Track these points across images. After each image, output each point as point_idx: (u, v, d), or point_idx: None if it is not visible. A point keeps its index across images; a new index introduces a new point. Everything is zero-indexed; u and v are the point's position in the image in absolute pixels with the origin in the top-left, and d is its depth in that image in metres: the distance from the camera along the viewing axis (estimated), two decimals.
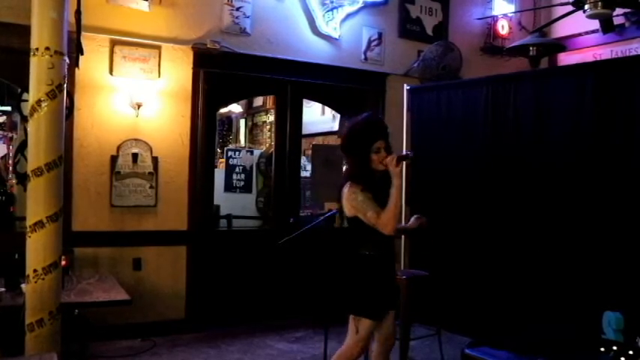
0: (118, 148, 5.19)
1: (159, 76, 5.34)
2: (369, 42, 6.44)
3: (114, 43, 5.16)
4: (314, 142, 7.76)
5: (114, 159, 5.18)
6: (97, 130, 5.13)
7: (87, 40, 4.91)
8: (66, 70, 3.34)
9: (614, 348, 2.28)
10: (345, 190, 3.34)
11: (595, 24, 5.40)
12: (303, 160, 7.12)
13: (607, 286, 3.79)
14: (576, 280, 4.03)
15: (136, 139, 5.26)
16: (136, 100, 5.20)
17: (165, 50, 5.38)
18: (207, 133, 5.64)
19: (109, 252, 5.16)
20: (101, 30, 5.10)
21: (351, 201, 3.29)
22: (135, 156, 5.23)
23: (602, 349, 2.32)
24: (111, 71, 5.16)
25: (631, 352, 2.28)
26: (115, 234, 5.20)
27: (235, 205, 6.82)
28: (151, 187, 5.32)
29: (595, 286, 3.87)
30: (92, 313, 4.31)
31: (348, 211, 3.36)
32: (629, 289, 3.66)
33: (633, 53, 6.28)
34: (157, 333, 5.24)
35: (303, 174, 6.89)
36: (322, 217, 3.81)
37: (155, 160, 5.33)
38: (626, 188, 3.86)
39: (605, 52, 6.72)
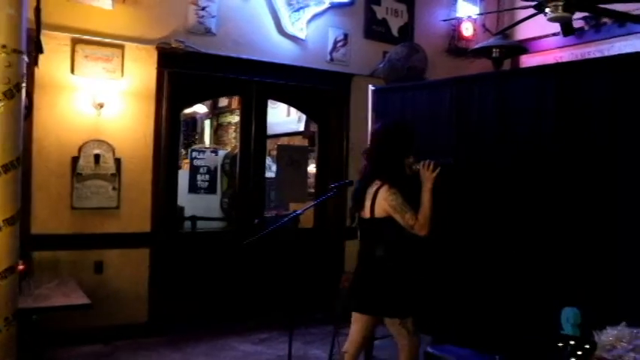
0: (80, 148, 5.10)
1: (122, 76, 5.27)
2: (335, 43, 6.46)
3: (75, 42, 5.07)
4: (279, 143, 7.73)
5: (75, 160, 5.08)
6: (58, 130, 5.03)
7: (47, 39, 4.81)
8: (25, 68, 3.27)
9: (572, 343, 2.32)
10: (382, 190, 3.43)
11: (556, 27, 5.48)
12: (268, 161, 7.10)
13: (566, 283, 3.86)
14: (537, 277, 4.09)
15: (98, 140, 5.17)
16: (98, 100, 5.12)
17: (129, 50, 5.30)
18: (171, 133, 5.58)
19: (69, 255, 5.06)
20: (62, 28, 5.00)
21: (391, 201, 3.40)
22: (97, 157, 5.15)
23: (560, 344, 2.37)
24: (72, 70, 5.07)
25: (587, 346, 2.33)
26: (76, 237, 5.10)
27: (200, 206, 6.75)
28: (113, 188, 5.23)
29: (555, 283, 3.94)
30: (52, 318, 4.21)
31: (382, 211, 3.45)
32: (586, 286, 3.74)
33: (592, 56, 6.41)
34: (119, 337, 5.17)
35: (268, 175, 6.86)
36: (287, 218, 3.79)
37: (118, 161, 5.25)
38: (583, 187, 3.94)
39: (565, 55, 6.84)
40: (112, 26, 5.21)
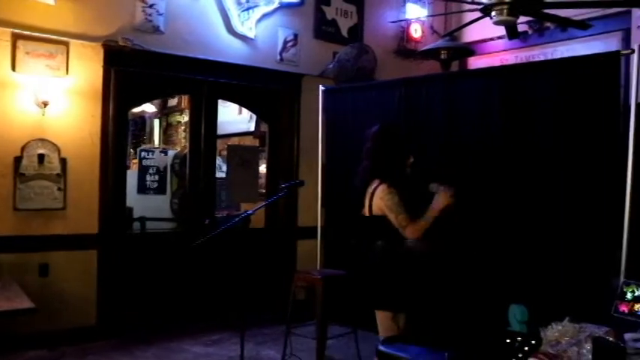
0: (23, 148, 4.94)
1: (67, 74, 5.13)
2: (285, 42, 6.45)
3: (16, 37, 4.91)
4: (230, 143, 7.68)
5: (18, 160, 4.92)
6: None
7: None
8: None
9: (519, 339, 2.39)
10: (380, 189, 3.51)
11: (502, 30, 5.62)
12: (219, 161, 7.04)
13: (513, 281, 3.96)
14: (485, 275, 4.19)
15: (42, 139, 5.03)
16: (41, 99, 4.96)
17: (74, 46, 5.17)
18: (118, 133, 5.47)
19: (12, 258, 4.90)
20: (1, 23, 4.84)
21: (387, 201, 3.46)
22: (41, 157, 5.00)
23: (508, 341, 2.43)
24: (13, 67, 4.91)
25: (534, 342, 2.40)
26: (20, 239, 4.95)
27: (149, 206, 6.65)
28: (58, 189, 5.10)
29: (502, 280, 4.04)
30: None
31: (378, 209, 3.52)
32: (532, 283, 3.85)
33: (535, 59, 6.61)
34: (66, 341, 5.03)
35: (219, 175, 6.81)
36: (238, 218, 3.77)
37: (63, 161, 5.12)
38: (528, 187, 4.06)
39: (510, 57, 7.03)
40: (56, 22, 5.07)
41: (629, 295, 2.93)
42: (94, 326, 5.29)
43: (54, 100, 5.03)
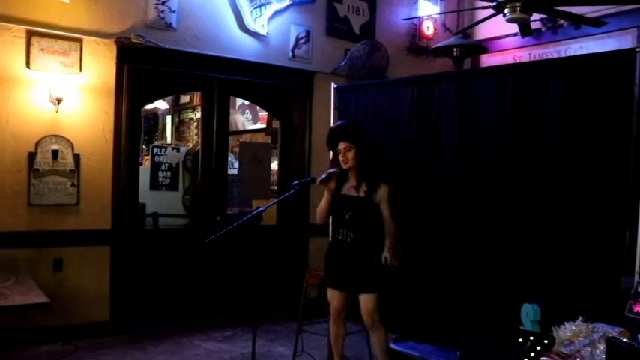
0: (37, 144, 4.98)
1: (80, 71, 5.16)
2: (297, 40, 6.45)
3: (31, 35, 4.94)
4: (241, 140, 7.70)
5: (32, 156, 4.96)
6: (13, 126, 4.90)
7: (1, 30, 4.72)
8: None
9: (531, 338, 2.39)
10: None
11: (515, 28, 5.61)
12: (231, 158, 7.06)
13: (526, 280, 3.94)
14: (498, 274, 4.18)
15: (56, 136, 5.06)
16: (55, 95, 5.00)
17: (87, 44, 5.20)
18: (131, 129, 5.49)
19: (27, 253, 4.95)
20: (16, 20, 4.87)
21: None
22: (55, 153, 5.04)
23: (520, 340, 2.43)
24: (28, 64, 4.94)
25: (546, 341, 2.39)
26: (34, 234, 4.99)
27: (161, 203, 6.68)
28: (72, 185, 5.13)
29: (515, 280, 4.03)
30: (9, 317, 4.10)
31: None
32: (546, 282, 3.83)
33: (549, 57, 6.57)
34: (79, 336, 5.08)
35: (231, 172, 6.83)
36: (250, 215, 3.78)
37: (77, 157, 5.15)
38: (542, 185, 4.04)
39: (524, 55, 6.99)
40: (70, 19, 5.09)
41: None
42: (107, 321, 5.33)
43: (68, 96, 5.06)
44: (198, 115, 7.71)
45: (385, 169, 4.22)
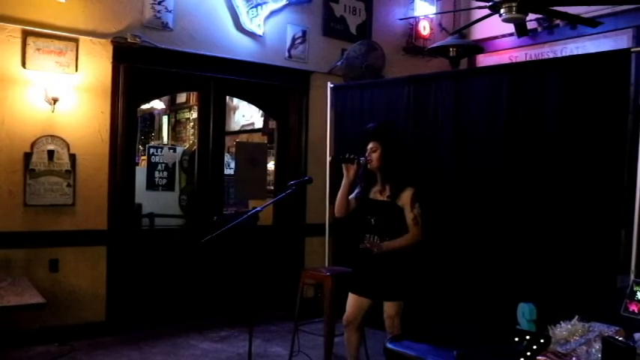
0: (33, 144, 4.97)
1: (76, 71, 5.15)
2: (294, 40, 6.45)
3: (26, 34, 4.92)
4: (238, 140, 7.69)
5: (28, 156, 4.95)
6: (9, 125, 4.88)
7: None
8: None
9: (527, 337, 2.39)
10: None
11: (511, 28, 5.62)
12: (227, 158, 7.06)
13: (522, 279, 3.95)
14: (494, 274, 4.19)
15: (51, 136, 5.05)
16: (51, 95, 4.98)
17: (83, 43, 5.18)
18: (127, 129, 5.49)
19: (22, 253, 4.93)
20: (12, 19, 4.85)
21: None
22: (51, 153, 5.02)
23: (516, 339, 2.43)
24: (24, 64, 4.92)
25: (542, 341, 2.39)
26: (30, 234, 4.97)
27: (158, 203, 6.67)
28: (68, 185, 5.12)
29: (511, 279, 4.04)
30: (4, 318, 4.10)
31: None
32: (542, 281, 3.84)
33: (545, 56, 6.58)
34: (75, 337, 5.06)
35: (227, 172, 6.82)
36: (246, 215, 3.77)
37: (73, 157, 5.14)
38: (537, 184, 4.05)
39: (520, 55, 7.01)
40: (66, 19, 5.08)
41: (639, 295, 2.92)
42: (103, 321, 5.32)
43: (63, 96, 5.05)
44: (195, 115, 7.70)
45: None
